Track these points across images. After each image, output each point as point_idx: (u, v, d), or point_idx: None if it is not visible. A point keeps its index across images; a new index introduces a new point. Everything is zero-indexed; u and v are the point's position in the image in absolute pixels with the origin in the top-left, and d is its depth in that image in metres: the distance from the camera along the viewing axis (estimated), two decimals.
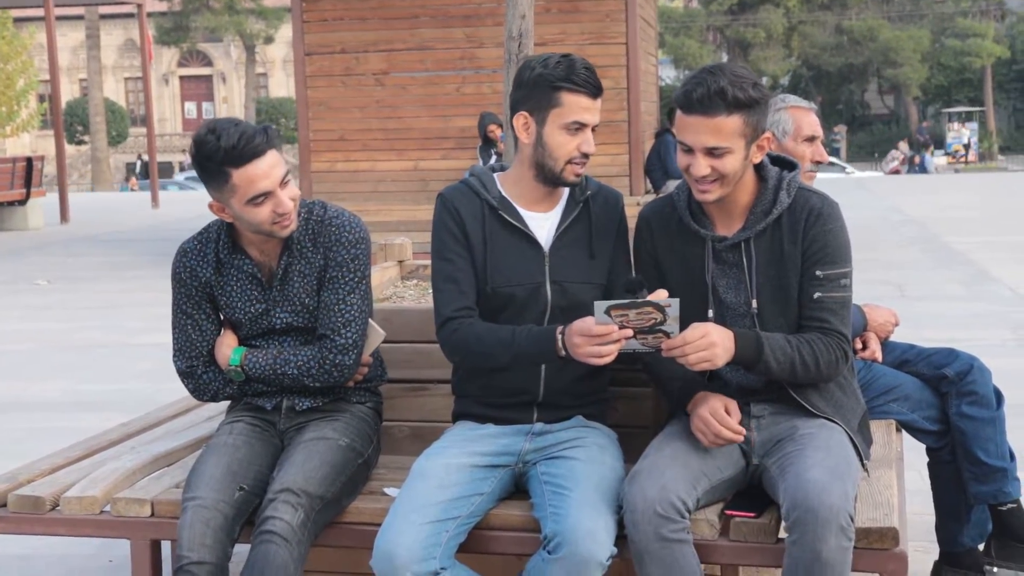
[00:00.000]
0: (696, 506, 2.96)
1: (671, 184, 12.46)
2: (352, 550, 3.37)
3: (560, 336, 3.03)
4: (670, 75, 46.08)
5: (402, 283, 4.95)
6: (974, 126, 48.24)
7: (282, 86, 58.48)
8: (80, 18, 45.10)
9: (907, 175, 38.13)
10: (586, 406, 3.30)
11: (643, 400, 3.58)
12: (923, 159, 44.20)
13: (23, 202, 21.89)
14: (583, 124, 3.17)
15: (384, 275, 4.79)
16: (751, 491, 3.12)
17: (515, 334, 3.12)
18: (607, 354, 2.92)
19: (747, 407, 3.16)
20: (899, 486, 3.28)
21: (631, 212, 3.20)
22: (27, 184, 21.74)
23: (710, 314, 3.13)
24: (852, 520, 2.80)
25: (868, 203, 21.41)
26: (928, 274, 12.33)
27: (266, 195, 3.22)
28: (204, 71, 61.71)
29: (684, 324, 2.91)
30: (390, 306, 4.06)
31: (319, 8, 13.65)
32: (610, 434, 3.30)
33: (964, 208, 20.48)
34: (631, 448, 3.25)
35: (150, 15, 36.17)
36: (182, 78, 61.82)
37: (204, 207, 3.39)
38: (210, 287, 3.42)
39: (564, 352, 3.02)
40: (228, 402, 3.55)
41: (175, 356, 3.47)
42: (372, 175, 13.79)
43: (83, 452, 3.76)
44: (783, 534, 2.88)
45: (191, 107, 61.65)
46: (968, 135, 47.67)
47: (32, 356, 9.30)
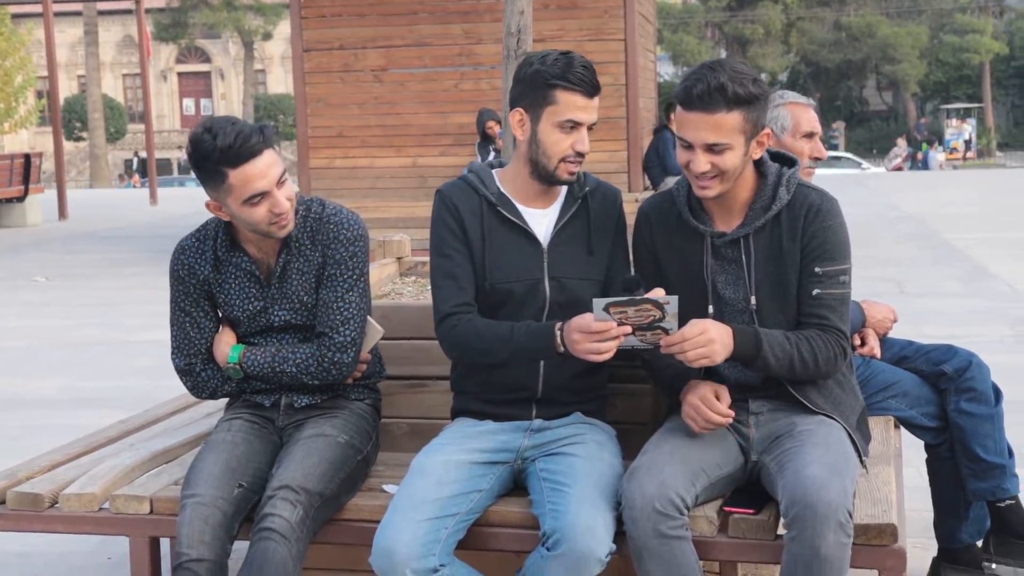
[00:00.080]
0: (695, 503, 2.96)
1: (669, 180, 12.47)
2: (351, 547, 3.37)
3: (559, 332, 3.03)
4: (668, 71, 46.08)
5: (401, 280, 4.95)
6: (973, 122, 48.19)
7: (280, 82, 58.46)
8: (78, 14, 45.05)
9: (909, 172, 38.03)
10: (585, 403, 3.30)
11: (642, 396, 3.58)
12: (927, 155, 43.80)
13: (21, 199, 21.90)
14: (578, 123, 3.16)
15: (383, 272, 4.79)
16: (750, 488, 3.12)
17: (514, 330, 3.12)
18: (606, 351, 2.92)
19: (745, 403, 3.16)
20: (898, 482, 3.28)
21: (629, 208, 3.21)
22: (25, 181, 21.75)
23: (710, 310, 3.13)
24: (851, 516, 2.80)
25: (866, 199, 21.42)
26: (927, 270, 12.33)
27: (262, 195, 3.21)
28: (202, 67, 61.68)
29: (684, 320, 2.91)
30: (389, 303, 4.06)
31: (317, 4, 13.65)
32: (609, 431, 3.30)
33: (962, 204, 20.49)
34: (630, 445, 3.25)
35: (148, 11, 36.11)
36: (180, 74, 61.78)
37: (202, 204, 3.38)
38: (208, 284, 3.41)
39: (563, 348, 3.02)
40: (226, 399, 3.55)
41: (173, 353, 3.46)
42: (371, 171, 13.79)
43: (82, 449, 3.75)
44: (782, 530, 2.88)
45: (189, 103, 61.62)
46: (969, 131, 47.60)
47: (30, 353, 9.30)
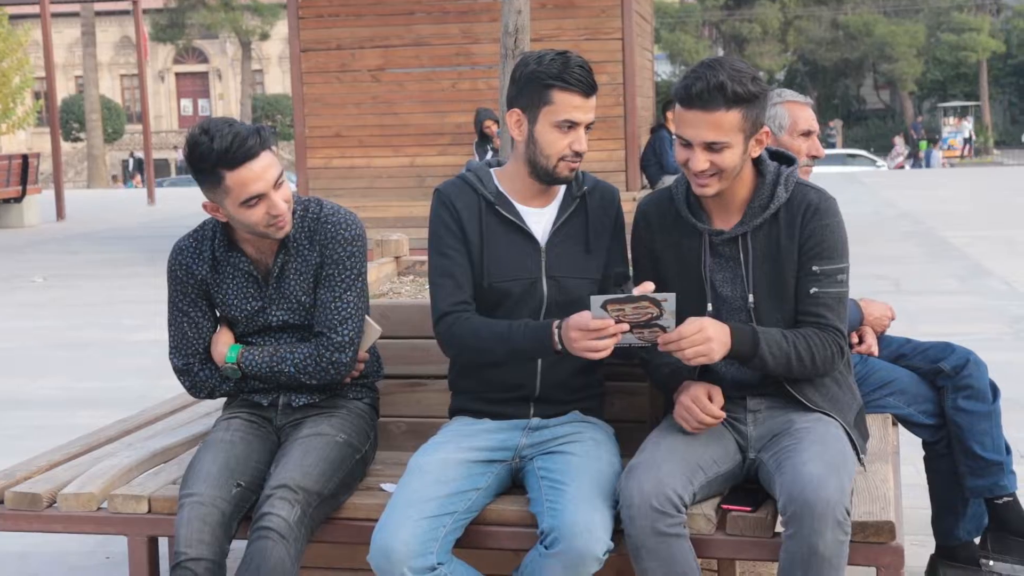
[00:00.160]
0: (692, 500, 2.96)
1: (667, 179, 12.45)
2: (349, 546, 3.37)
3: (557, 331, 3.03)
4: (666, 70, 46.06)
5: (398, 279, 4.95)
6: (971, 120, 48.15)
7: (278, 83, 58.44)
8: (76, 15, 45.07)
9: (910, 170, 37.94)
10: (583, 401, 3.30)
11: (640, 395, 3.58)
12: (928, 153, 43.35)
13: (19, 199, 21.91)
14: (575, 122, 3.16)
15: (380, 271, 4.79)
16: (747, 485, 3.13)
17: (511, 329, 3.12)
18: (603, 348, 2.92)
19: (743, 401, 3.17)
20: (895, 480, 3.28)
21: (627, 208, 3.21)
22: (23, 181, 21.76)
23: (708, 308, 3.13)
24: (848, 514, 2.81)
25: (863, 198, 21.43)
26: (924, 268, 12.34)
27: (260, 197, 3.20)
28: (200, 68, 61.65)
29: (681, 318, 2.91)
30: (386, 302, 4.06)
31: (315, 4, 13.65)
32: (607, 429, 3.30)
33: (960, 202, 20.51)
34: (628, 442, 3.25)
35: (146, 12, 36.09)
36: (178, 75, 61.76)
37: (199, 204, 3.38)
38: (206, 285, 3.41)
39: (560, 347, 3.02)
40: (224, 399, 3.55)
41: (171, 353, 3.46)
42: (368, 171, 13.79)
43: (80, 449, 3.76)
44: (779, 528, 2.89)
45: (187, 104, 61.60)
46: (969, 129, 47.53)
47: (28, 353, 9.29)
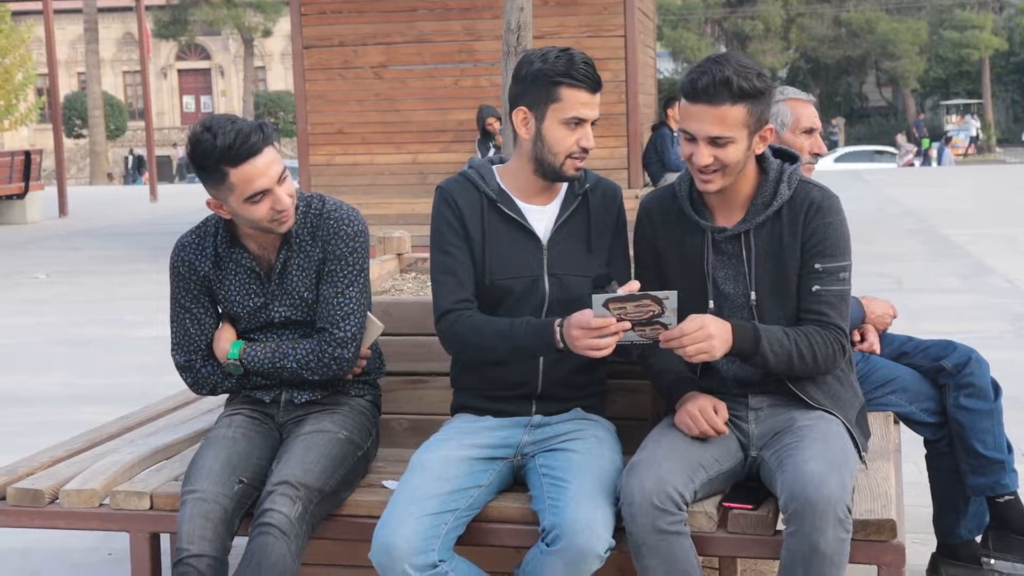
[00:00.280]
0: (693, 498, 2.96)
1: (669, 177, 12.46)
2: (351, 543, 3.38)
3: (558, 329, 3.03)
4: (668, 68, 46.06)
5: (401, 276, 4.96)
6: (976, 118, 48.05)
7: (280, 79, 58.43)
8: (78, 11, 45.01)
9: (914, 168, 37.77)
10: (585, 398, 3.30)
11: (642, 392, 3.58)
12: (940, 150, 41.71)
13: (21, 196, 21.90)
14: (582, 119, 3.16)
15: (383, 268, 4.80)
16: (749, 483, 3.13)
17: (513, 326, 3.12)
18: (605, 346, 2.93)
19: (745, 399, 3.17)
20: (897, 478, 3.28)
21: (630, 205, 3.20)
22: (25, 178, 21.75)
23: (710, 305, 3.13)
24: (850, 512, 2.81)
25: (866, 195, 21.41)
26: (926, 266, 12.33)
27: (264, 193, 3.21)
28: (202, 64, 61.65)
29: (684, 315, 2.91)
30: (389, 299, 4.06)
31: (318, 1, 13.66)
32: (609, 426, 3.30)
33: (962, 200, 20.48)
34: (630, 440, 3.25)
35: (148, 8, 36.13)
36: (180, 71, 61.75)
37: (202, 201, 3.38)
38: (208, 281, 3.41)
39: (562, 345, 3.03)
40: (227, 395, 3.55)
41: (173, 350, 3.47)
42: (371, 168, 13.80)
43: (82, 445, 3.76)
44: (781, 526, 2.89)
45: (189, 101, 61.60)
46: (976, 127, 47.31)
47: (30, 350, 9.30)
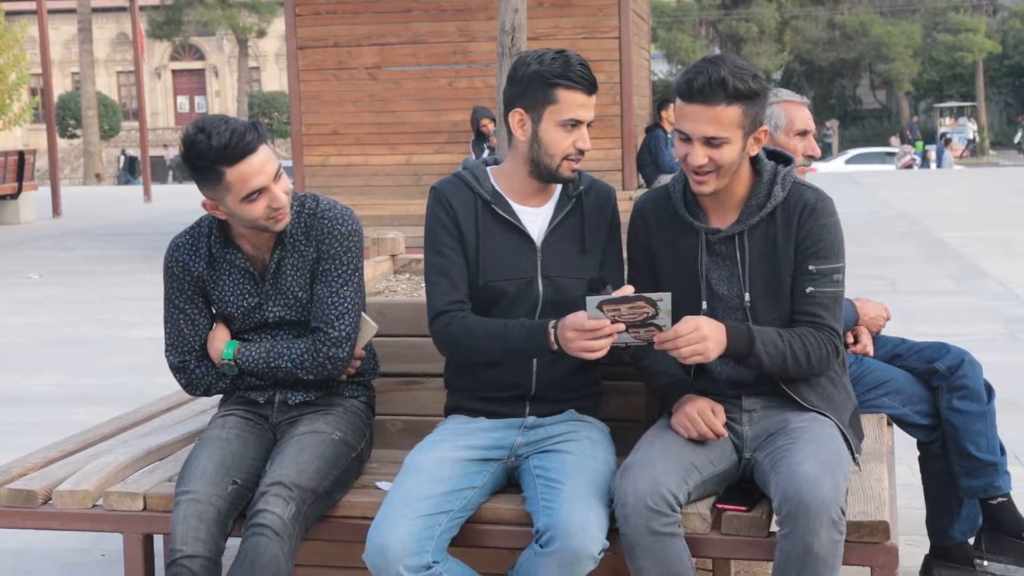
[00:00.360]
0: (687, 500, 2.96)
1: (664, 179, 12.50)
2: (345, 544, 3.37)
3: (552, 331, 3.03)
4: (663, 69, 46.08)
5: (395, 277, 4.96)
6: (970, 120, 48.05)
7: (275, 80, 58.39)
8: (72, 11, 45.00)
9: (905, 171, 37.76)
10: (579, 400, 3.30)
11: (636, 394, 3.58)
12: (940, 152, 40.88)
13: (15, 196, 21.87)
14: (579, 121, 3.17)
15: (377, 269, 4.80)
16: (742, 485, 3.13)
17: (507, 328, 3.12)
18: (599, 348, 2.93)
19: (739, 401, 3.17)
20: (890, 480, 3.29)
21: (624, 207, 3.21)
22: (19, 178, 21.72)
23: (704, 306, 3.14)
24: (843, 514, 2.81)
25: (860, 198, 21.43)
26: (920, 269, 12.34)
27: (261, 191, 3.21)
28: (196, 65, 61.60)
29: (678, 316, 2.92)
30: (383, 300, 4.06)
31: (312, 2, 13.65)
32: (603, 428, 3.30)
33: (955, 203, 20.51)
34: (624, 441, 3.25)
35: (142, 9, 36.05)
36: (174, 72, 61.69)
37: (196, 201, 3.38)
38: (202, 281, 3.41)
39: (556, 347, 3.03)
40: (220, 396, 3.55)
41: (167, 350, 3.46)
42: (365, 169, 13.79)
43: (76, 446, 3.75)
44: (774, 528, 2.89)
45: (183, 101, 61.54)
46: (973, 130, 47.20)
47: (24, 350, 9.28)
